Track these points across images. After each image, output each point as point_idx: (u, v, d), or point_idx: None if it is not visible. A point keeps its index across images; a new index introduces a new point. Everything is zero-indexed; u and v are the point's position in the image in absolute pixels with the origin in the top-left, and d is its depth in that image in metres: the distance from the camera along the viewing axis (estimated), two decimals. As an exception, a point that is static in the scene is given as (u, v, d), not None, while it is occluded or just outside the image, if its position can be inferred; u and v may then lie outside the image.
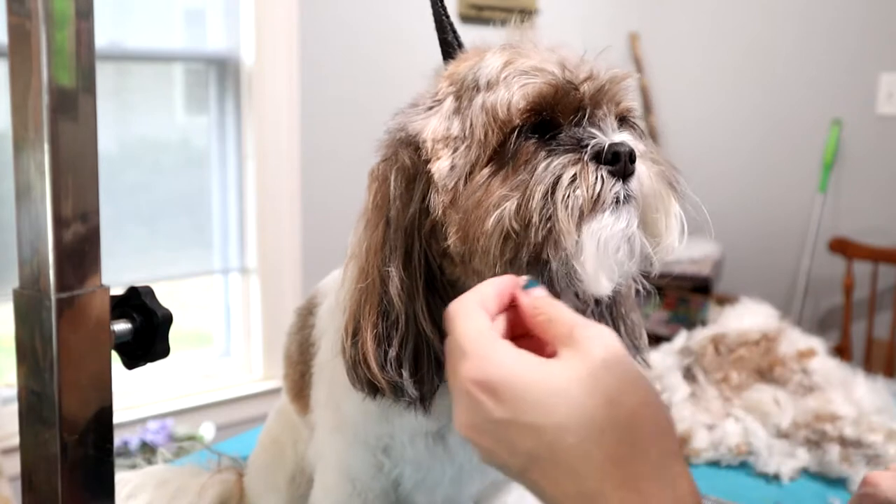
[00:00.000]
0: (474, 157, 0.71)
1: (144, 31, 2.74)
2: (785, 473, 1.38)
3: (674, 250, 0.72)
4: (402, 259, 0.75)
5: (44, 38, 0.53)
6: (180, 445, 2.33)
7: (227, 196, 2.90)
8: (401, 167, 0.76)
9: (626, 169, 0.69)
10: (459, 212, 0.71)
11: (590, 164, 0.69)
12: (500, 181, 0.70)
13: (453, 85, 0.76)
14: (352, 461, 0.92)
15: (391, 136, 0.78)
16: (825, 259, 3.31)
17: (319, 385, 0.94)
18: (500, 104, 0.70)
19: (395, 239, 0.75)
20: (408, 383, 0.74)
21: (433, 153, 0.73)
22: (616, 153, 0.69)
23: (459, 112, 0.74)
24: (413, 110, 0.78)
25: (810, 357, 1.63)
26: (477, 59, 0.75)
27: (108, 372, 0.59)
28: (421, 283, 0.75)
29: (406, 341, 0.75)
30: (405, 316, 0.74)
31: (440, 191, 0.72)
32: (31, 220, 0.55)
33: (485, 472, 0.93)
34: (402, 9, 3.04)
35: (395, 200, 0.76)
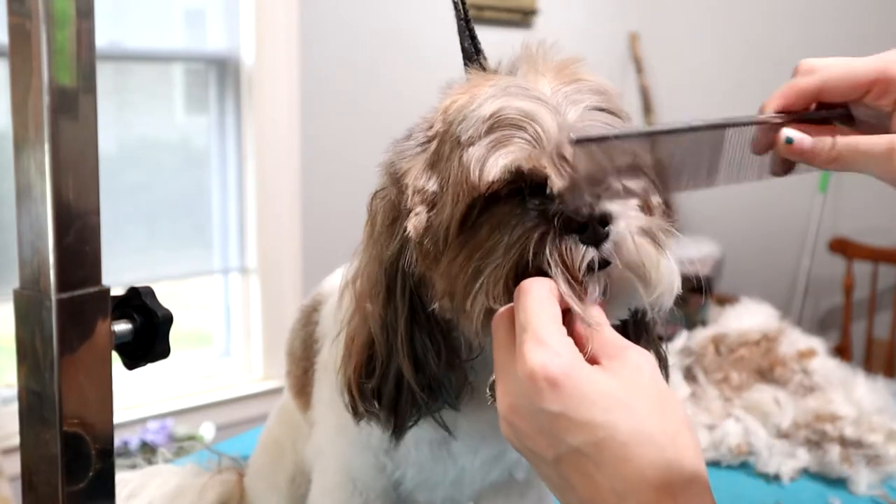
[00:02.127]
0: (447, 221, 0.68)
1: (144, 31, 2.74)
2: (785, 474, 1.38)
3: (670, 299, 0.70)
4: (383, 296, 0.74)
5: (44, 38, 0.53)
6: (180, 445, 2.33)
7: (227, 196, 2.90)
8: (387, 203, 0.74)
9: (598, 234, 0.65)
10: (440, 277, 0.70)
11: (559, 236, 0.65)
12: (473, 250, 0.68)
13: (444, 124, 0.71)
14: (354, 461, 0.92)
15: (385, 168, 0.76)
16: (825, 259, 3.31)
17: (322, 384, 0.94)
18: (474, 170, 0.66)
19: (378, 275, 0.75)
20: (383, 416, 0.77)
21: (412, 204, 0.71)
22: (582, 223, 0.64)
23: (439, 163, 0.70)
24: (406, 145, 0.74)
25: (810, 357, 1.63)
26: (472, 97, 0.70)
27: (108, 372, 0.59)
28: (402, 320, 0.74)
29: (387, 375, 0.75)
30: (385, 351, 0.75)
31: (416, 247, 0.71)
32: (32, 220, 0.55)
33: (486, 474, 0.93)
34: (402, 9, 3.04)
35: (378, 237, 0.75)
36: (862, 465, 1.37)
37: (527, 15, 3.34)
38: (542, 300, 0.61)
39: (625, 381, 0.57)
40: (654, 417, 0.56)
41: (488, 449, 0.88)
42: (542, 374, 0.56)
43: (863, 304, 3.18)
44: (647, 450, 0.55)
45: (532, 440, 0.59)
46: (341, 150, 2.93)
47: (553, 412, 0.56)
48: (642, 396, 0.57)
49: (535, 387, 0.57)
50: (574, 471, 0.56)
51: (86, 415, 0.58)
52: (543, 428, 0.57)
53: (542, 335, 0.58)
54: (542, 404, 0.57)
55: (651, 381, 0.58)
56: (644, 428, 0.55)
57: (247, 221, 2.91)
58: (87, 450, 0.58)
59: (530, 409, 0.58)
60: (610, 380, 0.57)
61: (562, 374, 0.56)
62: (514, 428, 0.60)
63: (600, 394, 0.56)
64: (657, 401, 0.57)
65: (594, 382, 0.57)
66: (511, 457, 0.92)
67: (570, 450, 0.56)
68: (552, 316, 0.60)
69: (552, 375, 0.56)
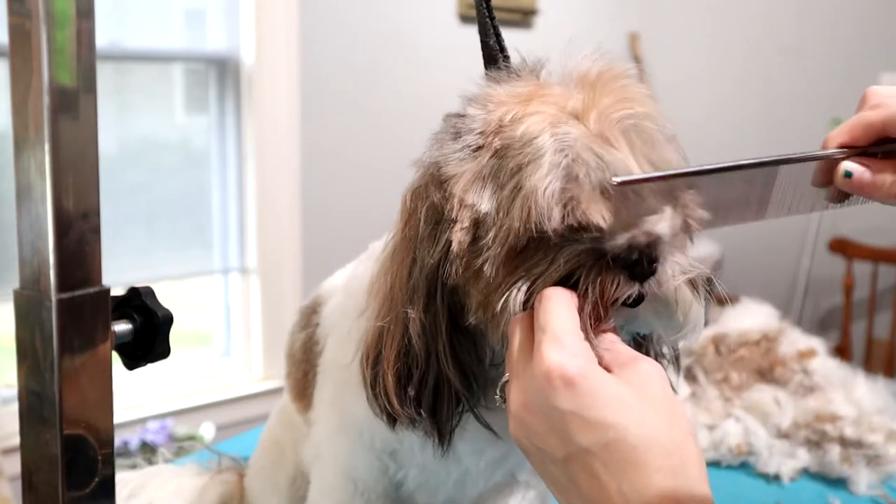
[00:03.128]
0: (501, 248, 0.67)
1: (144, 31, 2.74)
2: (785, 474, 1.38)
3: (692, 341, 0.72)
4: (424, 301, 0.73)
5: (44, 38, 0.52)
6: (180, 445, 2.33)
7: (227, 196, 2.90)
8: (430, 206, 0.72)
9: (646, 271, 0.65)
10: (478, 291, 0.69)
11: (609, 266, 0.65)
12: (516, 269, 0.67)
13: (501, 139, 0.68)
14: (356, 462, 0.92)
15: (426, 167, 0.73)
16: (825, 259, 3.31)
17: (324, 384, 0.94)
18: (539, 208, 0.64)
19: (418, 280, 0.73)
20: (426, 422, 0.76)
21: (459, 216, 0.69)
22: (636, 260, 0.64)
23: (495, 182, 0.68)
24: (452, 145, 0.71)
25: (810, 357, 1.63)
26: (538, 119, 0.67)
27: (108, 372, 0.59)
28: (444, 324, 0.73)
29: (426, 380, 0.74)
30: (425, 356, 0.74)
31: (458, 261, 0.70)
32: (32, 221, 0.55)
33: (490, 475, 0.93)
34: (402, 9, 3.04)
35: (421, 240, 0.73)
36: (862, 465, 1.37)
37: (527, 15, 3.34)
38: (562, 305, 0.62)
39: (636, 389, 0.59)
40: (663, 425, 0.58)
41: (493, 450, 0.88)
42: (559, 373, 0.58)
43: (863, 304, 3.18)
44: (655, 455, 0.56)
45: (542, 438, 0.60)
46: (341, 150, 2.93)
47: (566, 410, 0.58)
48: (652, 404, 0.58)
49: (550, 385, 0.58)
50: (581, 470, 0.58)
51: (86, 415, 0.58)
52: (555, 426, 0.59)
53: (560, 336, 0.60)
54: (555, 402, 0.58)
55: (661, 390, 0.60)
56: (653, 434, 0.57)
57: (247, 221, 2.91)
58: (87, 450, 0.58)
59: (543, 407, 0.59)
60: (622, 385, 0.59)
61: (577, 374, 0.58)
62: (525, 426, 0.61)
63: (613, 396, 0.58)
64: (666, 409, 0.59)
65: (607, 386, 0.58)
66: (516, 458, 0.92)
67: (580, 449, 0.57)
68: (571, 320, 0.62)
69: (568, 375, 0.58)
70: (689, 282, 0.69)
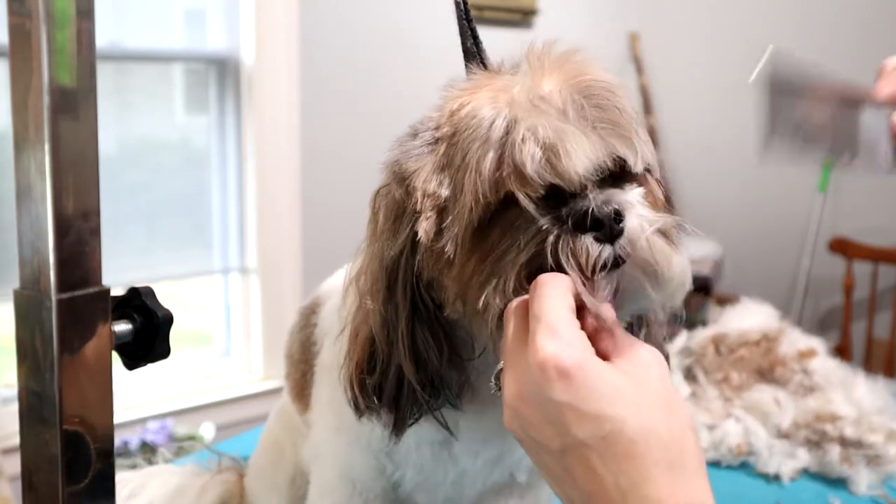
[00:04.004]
0: (462, 228, 0.68)
1: (144, 31, 2.74)
2: (785, 474, 1.38)
3: (682, 296, 0.70)
4: (383, 293, 0.74)
5: (44, 38, 0.53)
6: (180, 445, 2.33)
7: (227, 196, 2.90)
8: (390, 201, 0.74)
9: (613, 231, 0.64)
10: (452, 281, 0.69)
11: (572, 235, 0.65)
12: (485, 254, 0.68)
13: (452, 127, 0.70)
14: (353, 462, 0.92)
15: (389, 166, 0.75)
16: (825, 259, 3.31)
17: (322, 384, 0.94)
18: (489, 178, 0.66)
19: (378, 272, 0.75)
20: (383, 412, 0.77)
21: (422, 207, 0.70)
22: (597, 219, 0.64)
23: (451, 167, 0.69)
24: (411, 143, 0.73)
25: (810, 357, 1.63)
26: (481, 100, 0.69)
27: (108, 372, 0.59)
28: (403, 318, 0.74)
29: (387, 372, 0.75)
30: (386, 348, 0.75)
31: (427, 253, 0.70)
32: (32, 221, 0.55)
33: (487, 475, 0.93)
34: (402, 9, 3.04)
35: (380, 235, 0.75)
36: (862, 465, 1.37)
37: (527, 15, 3.34)
38: (557, 293, 0.61)
39: (634, 379, 0.58)
40: (662, 416, 0.57)
41: (489, 450, 0.88)
42: (554, 364, 0.57)
43: (863, 304, 3.18)
44: (652, 448, 0.56)
45: (538, 430, 0.59)
46: (341, 150, 2.93)
47: (562, 402, 0.57)
48: (650, 395, 0.58)
49: (545, 376, 0.57)
50: (578, 463, 0.57)
51: (86, 415, 0.58)
52: (551, 418, 0.58)
53: (555, 326, 0.59)
54: (551, 394, 0.57)
55: (659, 380, 0.59)
56: (651, 426, 0.56)
57: (247, 221, 2.91)
58: (87, 450, 0.58)
59: (539, 399, 0.58)
60: (620, 376, 0.58)
61: (573, 365, 0.57)
62: (520, 417, 0.60)
63: (609, 388, 0.57)
64: (664, 400, 0.58)
65: (604, 377, 0.57)
66: (512, 458, 0.92)
67: (576, 442, 0.57)
68: (567, 309, 0.61)
69: (563, 366, 0.57)
70: (660, 233, 0.67)
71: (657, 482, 0.55)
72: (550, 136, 0.65)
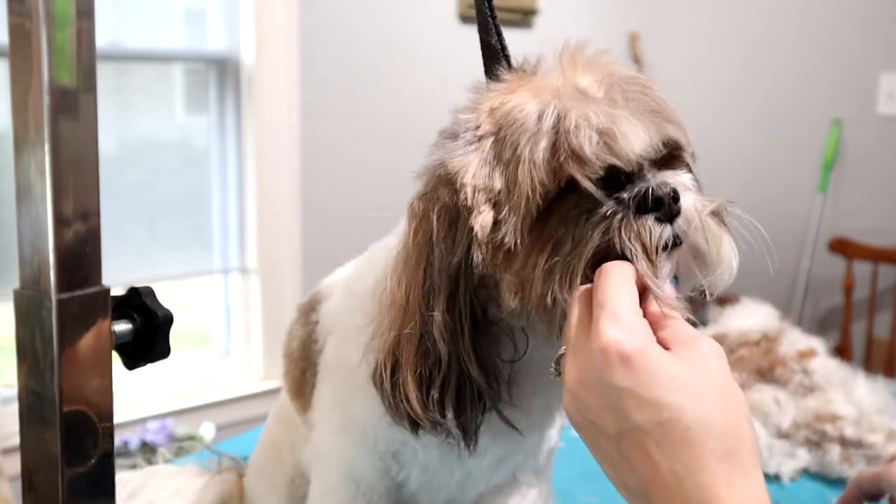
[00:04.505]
0: (519, 217, 0.68)
1: (144, 31, 2.74)
2: (785, 474, 1.38)
3: (729, 280, 0.72)
4: (445, 303, 0.73)
5: (44, 38, 0.52)
6: (180, 445, 2.33)
7: (227, 196, 2.90)
8: (442, 207, 0.72)
9: (672, 210, 0.66)
10: (512, 273, 0.69)
11: (635, 218, 0.66)
12: (545, 243, 0.68)
13: (495, 124, 0.71)
14: (358, 462, 0.92)
15: (431, 171, 0.74)
16: (825, 259, 3.31)
17: (325, 384, 0.94)
18: (545, 167, 0.67)
19: (438, 281, 0.73)
20: (451, 423, 0.75)
21: (474, 203, 0.70)
22: (658, 198, 0.66)
23: (501, 161, 0.69)
24: (452, 144, 0.72)
25: (810, 357, 1.63)
26: (523, 96, 0.70)
27: (108, 372, 0.59)
28: (467, 325, 0.73)
29: (448, 382, 0.74)
30: (448, 358, 0.74)
31: (483, 247, 0.70)
32: (32, 221, 0.55)
33: (492, 475, 0.93)
34: (402, 9, 3.04)
35: (437, 243, 0.73)
36: (862, 465, 1.36)
37: (527, 15, 3.34)
38: (622, 281, 0.62)
39: (694, 369, 0.59)
40: (719, 407, 0.58)
41: (497, 448, 0.88)
42: (616, 350, 0.58)
43: (863, 304, 3.18)
44: (709, 437, 0.56)
45: (596, 414, 0.60)
46: (341, 150, 2.93)
47: (622, 387, 0.58)
48: (710, 385, 0.58)
49: (606, 361, 0.58)
50: (635, 448, 0.58)
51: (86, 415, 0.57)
52: (610, 402, 0.58)
53: (618, 313, 0.60)
54: (612, 379, 0.58)
55: (719, 372, 0.60)
56: (709, 415, 0.57)
57: (247, 221, 2.91)
58: (87, 450, 0.58)
59: (599, 384, 0.59)
60: (680, 365, 0.58)
61: (635, 351, 0.58)
62: (580, 401, 0.61)
63: (670, 375, 0.58)
64: (723, 392, 0.59)
65: (665, 364, 0.58)
66: (516, 458, 0.92)
67: (634, 427, 0.57)
68: (630, 296, 0.62)
69: (625, 352, 0.58)
70: (712, 214, 0.70)
71: (713, 471, 0.56)
72: (603, 121, 0.66)
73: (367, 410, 0.85)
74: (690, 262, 0.69)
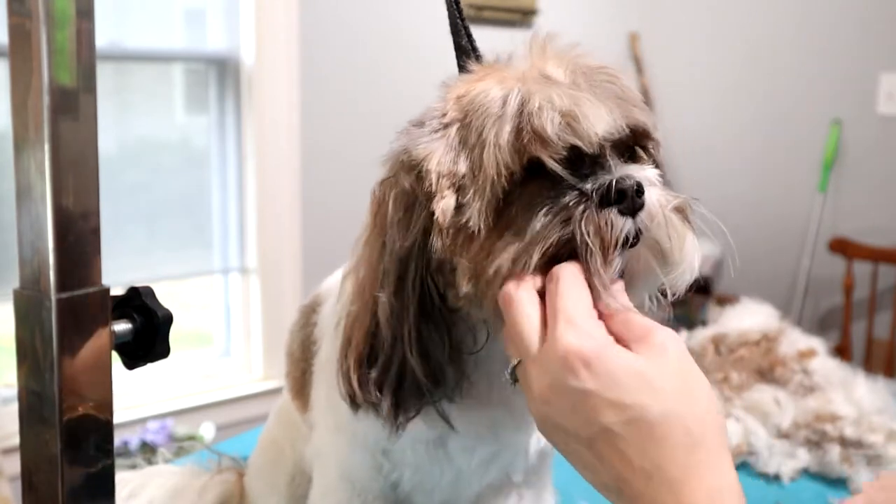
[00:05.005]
0: (484, 201, 0.68)
1: (144, 31, 2.74)
2: (785, 474, 1.38)
3: (690, 279, 0.71)
4: (394, 285, 0.73)
5: (44, 38, 0.52)
6: (180, 445, 2.33)
7: (227, 196, 2.90)
8: (400, 192, 0.73)
9: (635, 204, 0.66)
10: (468, 259, 0.69)
11: (596, 210, 0.66)
12: (505, 229, 0.68)
13: (461, 111, 0.71)
14: (353, 462, 0.92)
15: (394, 157, 0.75)
16: (825, 259, 3.31)
17: (320, 384, 0.94)
18: (509, 149, 0.67)
19: (388, 264, 0.74)
20: (383, 406, 0.75)
21: (437, 188, 0.70)
22: (621, 190, 0.66)
23: (466, 146, 0.70)
24: (418, 131, 0.73)
25: (810, 357, 1.63)
26: (489, 83, 0.71)
27: (108, 372, 0.59)
28: (412, 310, 0.73)
29: (390, 365, 0.74)
30: (391, 340, 0.74)
31: (444, 232, 0.70)
32: (32, 220, 0.55)
33: (483, 475, 0.93)
34: (402, 9, 3.04)
35: (391, 226, 0.74)
36: (862, 465, 1.37)
37: (526, 15, 3.34)
38: (574, 284, 0.63)
39: (654, 363, 0.59)
40: (682, 399, 0.59)
41: (484, 448, 0.88)
42: (576, 355, 0.59)
43: (863, 304, 3.18)
44: (675, 431, 0.58)
45: (565, 418, 0.61)
46: (341, 150, 2.93)
47: (586, 390, 0.59)
48: (671, 378, 0.59)
49: (568, 366, 0.59)
50: (607, 447, 0.59)
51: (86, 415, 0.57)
52: (577, 406, 0.59)
53: (574, 317, 0.61)
54: (575, 384, 0.59)
55: (677, 361, 0.60)
56: (673, 409, 0.58)
57: (247, 221, 2.91)
58: (86, 450, 0.58)
59: (565, 389, 0.60)
60: (640, 361, 0.59)
61: (593, 354, 0.59)
62: (548, 407, 0.61)
63: (631, 374, 0.59)
64: (684, 383, 0.60)
65: (623, 364, 0.59)
66: (507, 457, 0.92)
67: (602, 428, 0.59)
68: (584, 299, 0.63)
69: (585, 356, 0.59)
70: (676, 210, 0.69)
71: (680, 463, 0.57)
72: (567, 104, 0.66)
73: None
74: (651, 259, 0.69)
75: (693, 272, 0.71)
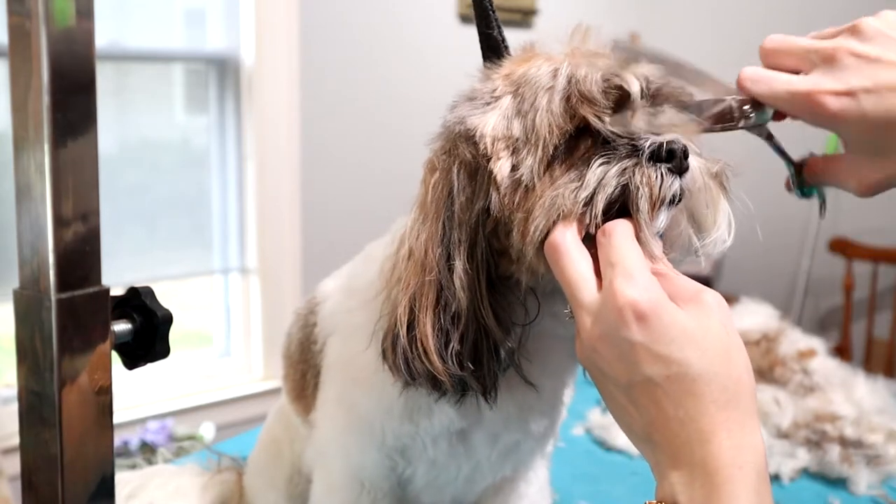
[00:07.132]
0: (536, 160, 0.72)
1: (144, 31, 2.74)
2: (785, 474, 1.38)
3: (722, 245, 0.75)
4: (466, 253, 0.74)
5: (44, 38, 0.52)
6: (180, 445, 2.34)
7: (227, 196, 2.90)
8: (463, 161, 0.75)
9: (682, 165, 0.70)
10: (523, 212, 0.72)
11: (648, 164, 0.69)
12: (556, 180, 0.71)
13: (511, 84, 0.76)
14: (364, 460, 0.92)
15: (449, 128, 0.77)
16: (825, 259, 3.31)
17: (329, 383, 0.94)
18: (560, 113, 0.72)
19: (459, 233, 0.75)
20: (470, 378, 0.75)
21: (493, 152, 0.73)
22: (671, 150, 0.70)
23: (519, 113, 0.74)
24: (470, 104, 0.77)
25: (810, 357, 1.63)
26: (537, 61, 0.76)
27: (108, 372, 0.59)
28: (483, 277, 0.75)
29: (467, 335, 0.74)
30: (467, 310, 0.74)
31: (501, 191, 0.72)
32: (32, 221, 0.55)
33: (500, 467, 0.93)
34: (402, 9, 3.04)
35: (458, 195, 0.75)
36: (862, 465, 1.37)
37: (527, 15, 3.34)
38: (628, 239, 0.66)
39: (700, 323, 0.63)
40: (722, 360, 0.62)
41: (509, 435, 0.88)
42: (632, 308, 0.62)
43: (863, 304, 3.18)
44: (712, 388, 0.61)
45: (609, 364, 0.64)
46: (341, 150, 2.93)
47: (636, 342, 0.62)
48: (714, 339, 0.63)
49: (622, 318, 0.62)
50: (643, 396, 0.63)
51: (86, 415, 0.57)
52: (623, 355, 0.63)
53: (631, 271, 0.64)
54: (626, 334, 0.62)
55: (720, 324, 0.64)
56: (712, 368, 0.62)
57: (247, 221, 2.91)
58: (86, 450, 0.58)
59: (615, 338, 0.63)
60: (689, 320, 0.63)
61: (649, 309, 0.62)
62: (594, 351, 0.65)
63: (679, 332, 0.62)
64: (726, 345, 0.63)
65: (676, 321, 0.62)
66: (527, 446, 0.92)
67: (644, 378, 0.62)
68: (639, 254, 0.66)
69: (641, 309, 0.62)
70: (714, 176, 0.74)
71: (713, 417, 0.61)
72: (611, 69, 0.73)
73: (375, 404, 0.85)
74: (686, 224, 0.73)
75: (725, 239, 0.75)
